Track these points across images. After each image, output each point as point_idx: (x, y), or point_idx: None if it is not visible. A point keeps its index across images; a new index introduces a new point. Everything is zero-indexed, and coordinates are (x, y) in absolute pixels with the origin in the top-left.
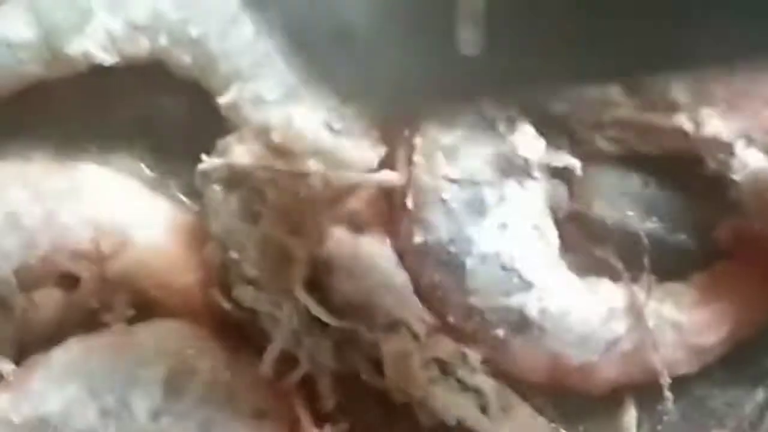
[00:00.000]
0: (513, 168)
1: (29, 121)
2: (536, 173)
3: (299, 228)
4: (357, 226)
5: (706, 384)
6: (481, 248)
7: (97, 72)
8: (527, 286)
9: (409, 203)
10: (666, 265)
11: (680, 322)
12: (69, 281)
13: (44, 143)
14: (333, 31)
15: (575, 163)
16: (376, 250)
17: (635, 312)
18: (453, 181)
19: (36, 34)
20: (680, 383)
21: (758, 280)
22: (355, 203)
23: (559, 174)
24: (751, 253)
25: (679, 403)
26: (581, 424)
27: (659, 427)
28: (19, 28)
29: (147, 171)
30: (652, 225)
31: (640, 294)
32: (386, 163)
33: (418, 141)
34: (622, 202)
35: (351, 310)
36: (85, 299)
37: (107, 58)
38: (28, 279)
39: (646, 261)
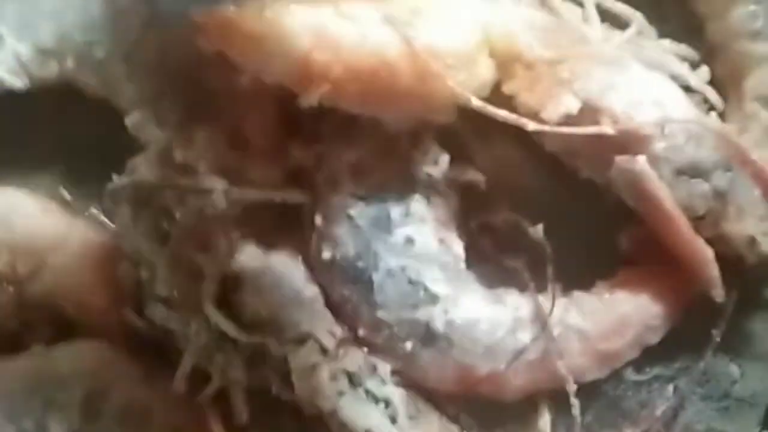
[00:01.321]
0: (418, 183)
1: None
2: (440, 188)
3: (207, 245)
4: (266, 241)
5: (618, 385)
6: (387, 263)
7: (12, 95)
8: (433, 299)
9: (317, 220)
10: (570, 272)
11: (585, 330)
12: None
13: None
14: None
15: (479, 177)
16: (285, 265)
17: (540, 321)
18: (359, 197)
19: None
20: (593, 385)
21: (660, 285)
22: (263, 220)
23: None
24: (652, 259)
25: (592, 404)
26: (496, 430)
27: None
28: None
29: (65, 192)
30: (556, 233)
31: (545, 303)
32: (291, 179)
33: (323, 158)
34: (528, 211)
35: (260, 325)
36: (6, 322)
37: (17, 82)
38: None
39: (550, 270)
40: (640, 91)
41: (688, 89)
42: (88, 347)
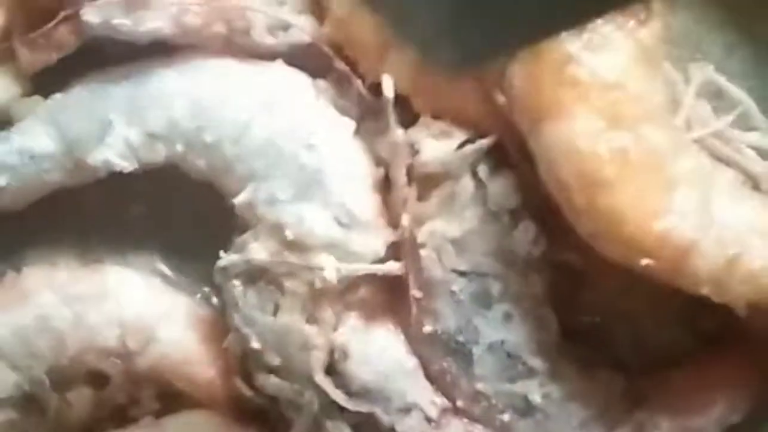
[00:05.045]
0: (516, 261)
1: (52, 226)
2: (538, 266)
3: (316, 317)
4: (369, 313)
5: None
6: (487, 337)
7: (115, 176)
8: (530, 372)
9: (417, 293)
10: (655, 352)
11: (674, 408)
12: (98, 379)
13: (68, 247)
14: None
15: (574, 257)
16: (388, 337)
17: (632, 398)
18: (461, 273)
19: (58, 146)
20: None
21: (742, 362)
22: (366, 292)
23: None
24: (731, 338)
25: None
26: None
27: None
28: (42, 141)
29: (166, 269)
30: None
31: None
32: (392, 253)
33: (425, 233)
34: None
35: (367, 395)
36: (115, 395)
37: (126, 165)
38: (60, 379)
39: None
40: None
41: None
42: (198, 417)
